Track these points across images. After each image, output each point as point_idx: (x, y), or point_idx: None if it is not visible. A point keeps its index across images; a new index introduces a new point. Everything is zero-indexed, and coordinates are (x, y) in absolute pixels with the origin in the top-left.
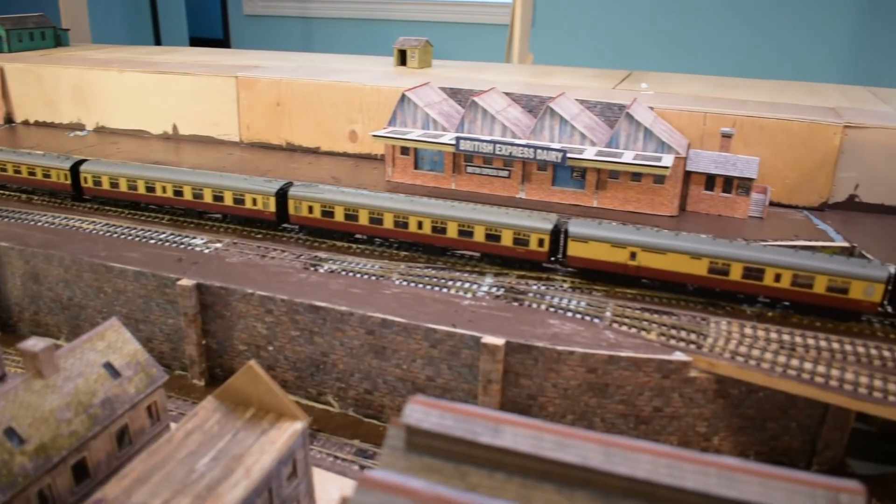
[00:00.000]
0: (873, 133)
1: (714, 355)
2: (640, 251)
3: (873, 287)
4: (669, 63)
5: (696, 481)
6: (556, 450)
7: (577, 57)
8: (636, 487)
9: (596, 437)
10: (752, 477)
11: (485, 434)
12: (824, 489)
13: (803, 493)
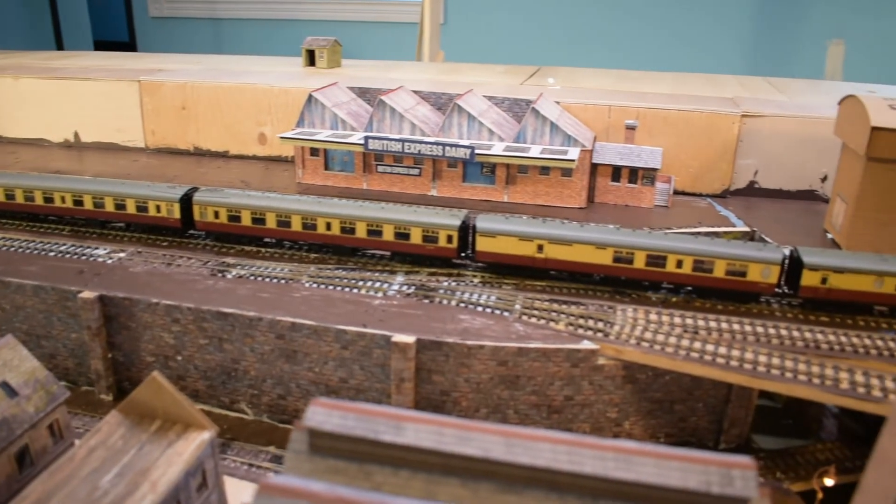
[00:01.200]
0: (769, 121)
1: (621, 342)
2: (547, 244)
3: (769, 269)
4: (578, 58)
5: (595, 466)
6: (458, 444)
7: (489, 54)
8: (538, 476)
9: (497, 428)
10: (648, 458)
11: (387, 432)
12: (717, 466)
13: (697, 471)
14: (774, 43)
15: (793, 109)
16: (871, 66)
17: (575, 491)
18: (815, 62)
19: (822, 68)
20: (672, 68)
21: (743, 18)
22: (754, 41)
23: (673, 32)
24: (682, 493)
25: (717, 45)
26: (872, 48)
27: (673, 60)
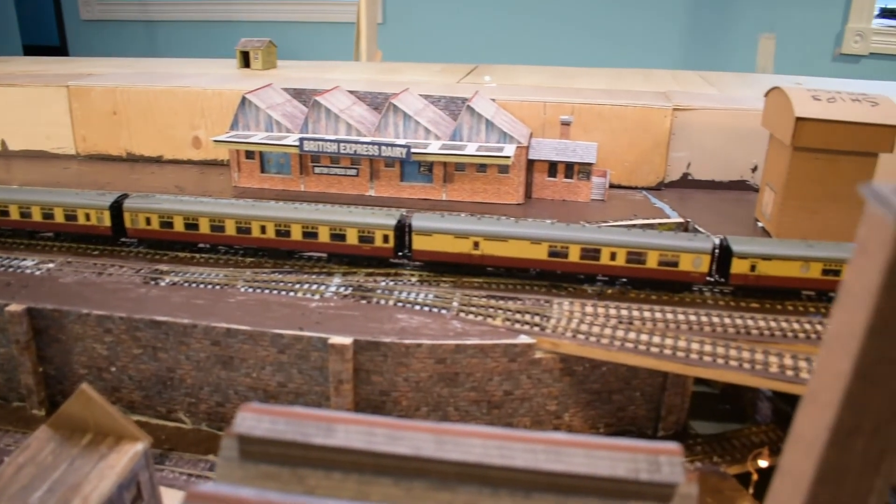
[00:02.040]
0: (700, 114)
1: (557, 335)
2: (483, 240)
3: (700, 258)
4: (516, 56)
5: (526, 459)
6: (389, 443)
7: (428, 53)
8: (469, 471)
9: (428, 426)
10: (577, 449)
11: (317, 435)
12: (645, 453)
13: (626, 459)
14: (709, 38)
15: (723, 102)
16: (801, 59)
17: (507, 485)
18: (748, 56)
19: (755, 62)
20: (609, 64)
21: (678, 14)
22: (690, 36)
23: (610, 29)
24: (611, 481)
25: (653, 40)
26: (802, 41)
27: (610, 56)
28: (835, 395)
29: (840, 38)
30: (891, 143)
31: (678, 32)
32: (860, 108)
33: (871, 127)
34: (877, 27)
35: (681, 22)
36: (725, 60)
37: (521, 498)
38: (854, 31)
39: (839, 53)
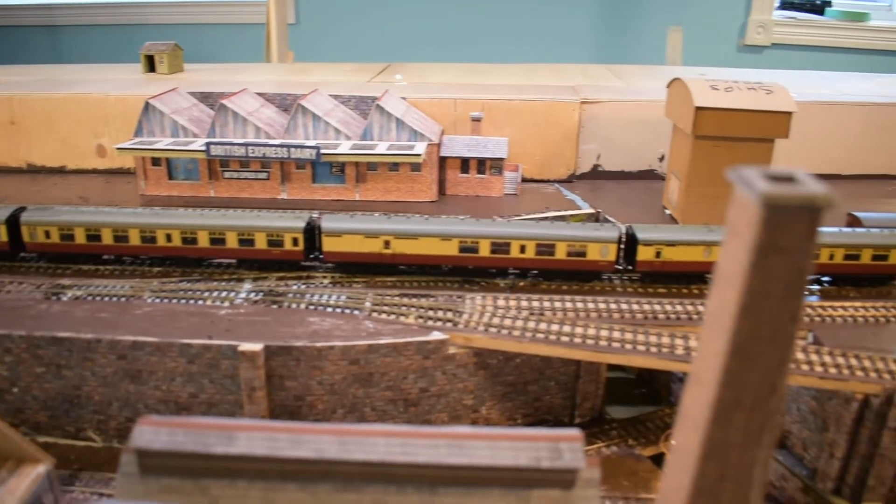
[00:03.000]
0: (607, 107)
1: (469, 330)
2: (394, 239)
3: (607, 247)
4: (431, 54)
5: (429, 454)
6: (292, 447)
7: (343, 52)
8: (374, 470)
9: (331, 428)
10: (479, 441)
11: (218, 444)
12: (546, 441)
13: (527, 448)
14: (620, 32)
15: (629, 94)
16: (708, 51)
17: (412, 481)
18: (658, 49)
19: (665, 54)
20: (524, 60)
21: (590, 9)
22: (601, 31)
23: (523, 25)
24: (513, 470)
25: (566, 36)
26: (708, 33)
27: (524, 52)
28: (714, 373)
29: (744, 29)
30: (785, 128)
31: (590, 28)
32: (756, 96)
33: (766, 114)
34: (777, 19)
35: (592, 17)
36: (637, 54)
37: (427, 493)
38: (756, 22)
39: (743, 44)
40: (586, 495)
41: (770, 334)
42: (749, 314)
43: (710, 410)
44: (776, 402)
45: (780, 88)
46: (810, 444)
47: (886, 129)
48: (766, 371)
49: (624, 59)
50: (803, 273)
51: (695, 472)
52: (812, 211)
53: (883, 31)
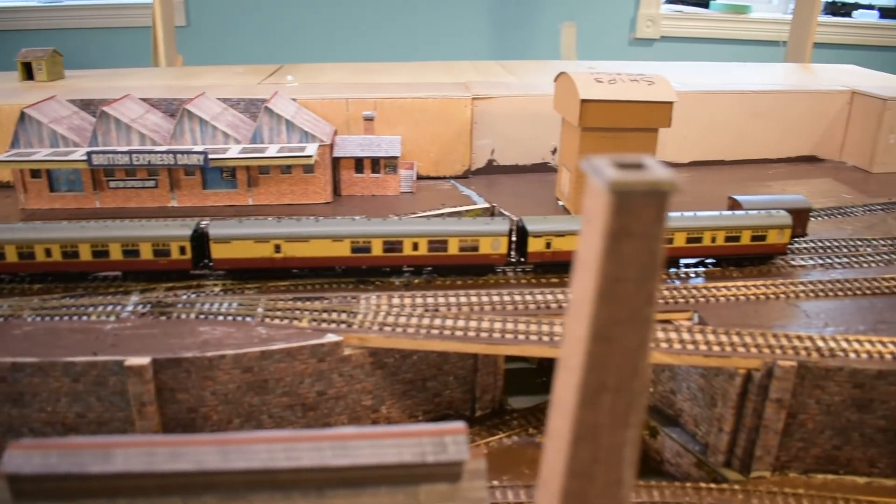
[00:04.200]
0: (499, 102)
1: (364, 330)
2: (284, 242)
3: (499, 241)
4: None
5: (312, 458)
6: (171, 461)
7: (235, 55)
8: (258, 478)
9: (211, 438)
10: (363, 441)
11: (94, 463)
12: (430, 436)
13: (412, 444)
14: (515, 28)
15: (520, 89)
16: (601, 45)
17: (298, 486)
18: (553, 44)
19: (559, 49)
20: (419, 58)
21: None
22: (497, 28)
23: (418, 23)
24: (399, 467)
25: (461, 33)
26: (601, 28)
27: (421, 50)
28: (579, 358)
29: (634, 23)
30: (667, 118)
31: (485, 24)
32: (639, 87)
33: (649, 104)
34: (665, 13)
35: (488, 14)
36: (533, 49)
37: (315, 497)
38: (645, 16)
39: (634, 38)
40: (473, 486)
41: (628, 317)
42: (606, 299)
43: (577, 394)
44: (640, 383)
45: (662, 79)
46: (701, 421)
47: (764, 115)
48: (628, 353)
49: (520, 54)
50: (655, 256)
51: (568, 455)
52: (658, 196)
53: (763, 22)
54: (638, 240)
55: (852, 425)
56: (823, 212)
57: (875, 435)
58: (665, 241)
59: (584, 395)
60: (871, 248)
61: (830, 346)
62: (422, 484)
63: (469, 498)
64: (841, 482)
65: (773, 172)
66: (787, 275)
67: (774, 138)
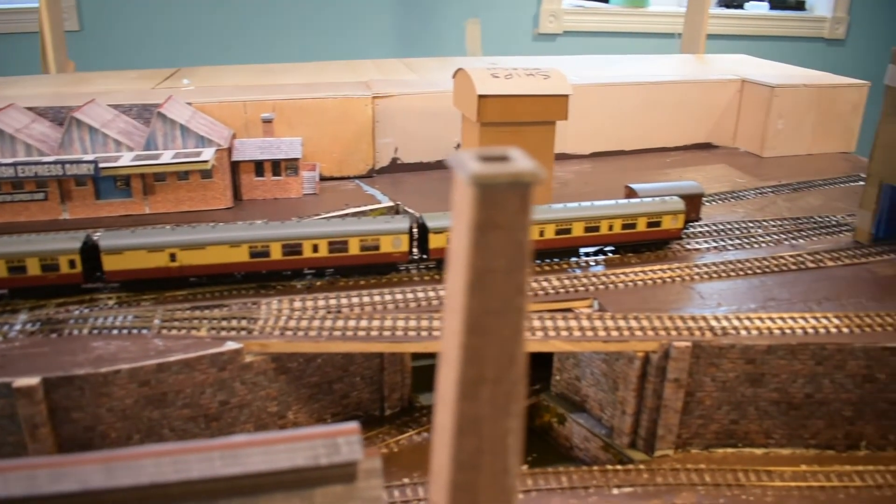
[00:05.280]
0: (400, 100)
1: (265, 336)
2: (179, 251)
3: (399, 239)
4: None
5: (202, 469)
6: (53, 483)
7: (132, 59)
8: (147, 494)
9: (95, 456)
10: (254, 448)
11: None
12: (323, 438)
13: (304, 447)
14: (420, 26)
15: (421, 87)
16: (506, 40)
17: (189, 499)
18: (458, 41)
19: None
20: (324, 58)
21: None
22: (402, 26)
23: (322, 23)
24: (292, 472)
25: (364, 32)
26: (505, 23)
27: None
28: (455, 350)
29: (537, 19)
30: (564, 111)
31: (391, 23)
32: (534, 81)
33: (545, 98)
34: (567, 8)
35: (393, 12)
36: (439, 46)
37: None
38: (548, 12)
39: (538, 33)
40: (370, 485)
41: (500, 308)
42: (477, 290)
43: (456, 387)
44: (517, 372)
45: (557, 73)
46: (606, 405)
47: (661, 105)
48: (503, 343)
49: (426, 52)
50: (523, 247)
51: (452, 447)
52: (521, 187)
53: (660, 15)
54: (504, 231)
55: (747, 400)
56: (717, 196)
57: (769, 407)
58: (529, 231)
59: (464, 388)
60: (761, 229)
61: (723, 325)
62: (317, 487)
63: (366, 497)
64: (740, 455)
65: (671, 160)
66: (682, 258)
67: (671, 127)
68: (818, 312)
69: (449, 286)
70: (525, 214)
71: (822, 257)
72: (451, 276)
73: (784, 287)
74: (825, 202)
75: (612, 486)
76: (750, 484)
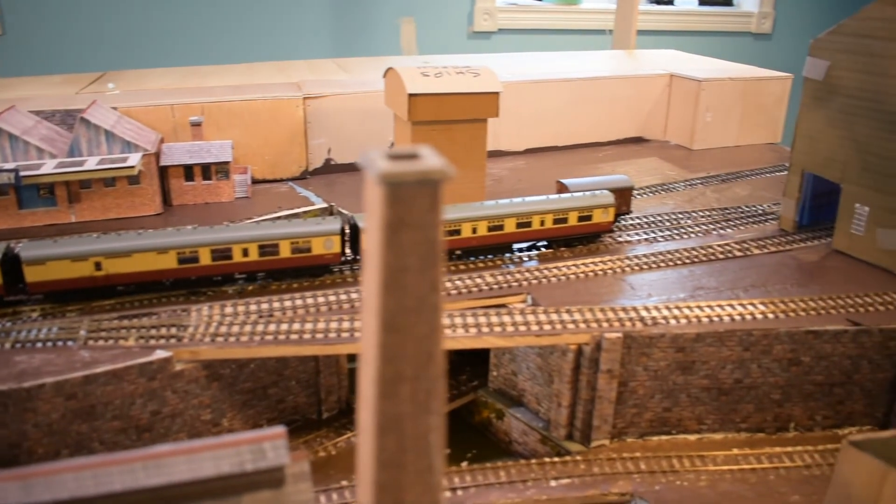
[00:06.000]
0: (332, 100)
1: (195, 343)
2: (105, 259)
3: (331, 240)
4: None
5: (125, 481)
6: None
7: (58, 63)
8: None
9: (12, 473)
10: (178, 457)
11: None
12: (249, 444)
13: (230, 454)
14: (354, 25)
15: (353, 87)
16: (441, 39)
17: None
18: (394, 40)
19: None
20: (256, 59)
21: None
22: (336, 25)
23: (253, 23)
24: (218, 480)
25: (298, 32)
26: (440, 22)
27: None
28: (373, 349)
29: (471, 17)
30: (494, 108)
31: (324, 23)
32: (464, 79)
33: (475, 95)
34: (501, 6)
35: (327, 12)
36: (374, 46)
37: None
38: (482, 10)
39: (473, 31)
40: (298, 489)
41: (415, 306)
42: (391, 289)
43: (375, 386)
44: (436, 369)
45: (487, 71)
46: (542, 398)
47: (593, 100)
48: (420, 341)
49: (361, 51)
50: (435, 245)
51: (374, 446)
52: (430, 185)
53: (593, 12)
54: (415, 229)
55: (679, 387)
56: (649, 189)
57: (700, 394)
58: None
59: (383, 386)
60: (691, 220)
61: (653, 316)
62: (244, 493)
63: (294, 501)
64: (674, 441)
65: (604, 155)
66: (614, 251)
67: (603, 122)
68: (745, 299)
69: (364, 286)
70: (435, 212)
71: (748, 246)
72: (366, 275)
73: (712, 276)
74: (752, 192)
75: (550, 478)
76: (684, 469)
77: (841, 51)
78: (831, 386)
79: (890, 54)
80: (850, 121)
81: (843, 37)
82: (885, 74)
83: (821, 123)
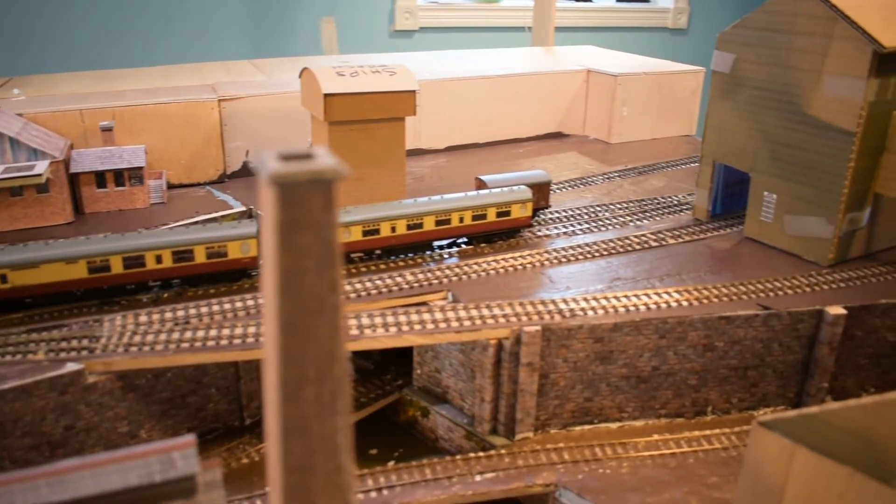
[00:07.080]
0: (248, 102)
1: (108, 354)
2: (10, 271)
3: (248, 244)
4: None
5: (27, 499)
6: None
7: None
8: None
9: None
10: (83, 472)
11: None
12: (157, 455)
13: (138, 466)
14: (273, 25)
15: (269, 88)
16: (363, 38)
17: None
18: (314, 40)
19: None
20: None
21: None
22: (254, 25)
23: (168, 25)
24: (125, 493)
25: (217, 33)
26: (361, 21)
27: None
28: (274, 352)
29: (392, 16)
30: (412, 106)
31: (242, 23)
32: (380, 78)
33: (392, 94)
34: (422, 5)
35: (244, 12)
36: (294, 46)
37: None
38: (403, 9)
39: (394, 30)
40: (210, 498)
41: (315, 307)
42: (288, 291)
43: (278, 389)
44: (340, 369)
45: (404, 69)
46: (466, 394)
47: (512, 97)
48: (322, 342)
49: (281, 52)
50: (332, 245)
51: (281, 451)
52: (324, 184)
53: (512, 10)
54: (310, 230)
55: (599, 377)
56: (568, 183)
57: (619, 383)
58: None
59: (286, 390)
60: (608, 212)
61: (571, 308)
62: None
63: None
64: (596, 430)
65: (524, 150)
66: (533, 245)
67: (523, 118)
68: (660, 288)
69: (264, 288)
70: (330, 212)
71: (664, 236)
72: (265, 277)
73: (629, 266)
74: (668, 183)
75: (475, 473)
76: (606, 457)
77: (746, 44)
78: (745, 369)
79: (793, 47)
80: (757, 112)
81: (748, 30)
82: (788, 67)
83: (729, 115)
